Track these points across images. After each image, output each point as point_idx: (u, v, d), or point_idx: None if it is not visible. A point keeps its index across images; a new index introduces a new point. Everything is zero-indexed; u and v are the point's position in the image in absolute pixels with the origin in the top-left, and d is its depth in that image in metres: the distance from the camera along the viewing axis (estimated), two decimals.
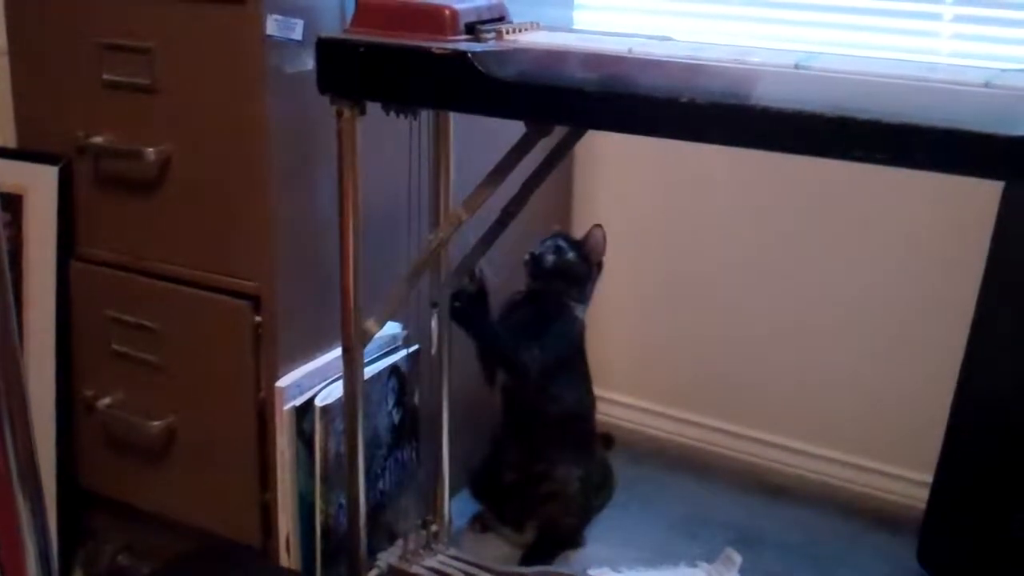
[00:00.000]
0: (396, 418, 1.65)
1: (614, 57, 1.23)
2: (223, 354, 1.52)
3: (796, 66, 1.15)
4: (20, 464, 0.71)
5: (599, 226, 1.77)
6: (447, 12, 1.27)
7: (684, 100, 1.09)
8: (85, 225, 1.61)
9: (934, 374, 1.79)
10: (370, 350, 1.51)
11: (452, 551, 1.67)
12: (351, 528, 1.51)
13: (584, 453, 1.79)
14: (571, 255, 1.74)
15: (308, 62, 1.39)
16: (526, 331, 1.71)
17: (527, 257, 1.74)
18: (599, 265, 1.78)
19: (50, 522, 1.62)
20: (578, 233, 1.84)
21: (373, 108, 1.33)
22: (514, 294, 1.77)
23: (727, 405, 2.08)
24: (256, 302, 1.48)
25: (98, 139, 1.54)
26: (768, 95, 1.09)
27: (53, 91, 1.58)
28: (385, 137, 1.42)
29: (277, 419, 1.49)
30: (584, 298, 1.77)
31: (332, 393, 1.52)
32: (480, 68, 1.19)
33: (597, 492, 1.82)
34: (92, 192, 1.59)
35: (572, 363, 1.77)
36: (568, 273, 1.75)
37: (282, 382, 1.49)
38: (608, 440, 2.03)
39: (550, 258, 1.74)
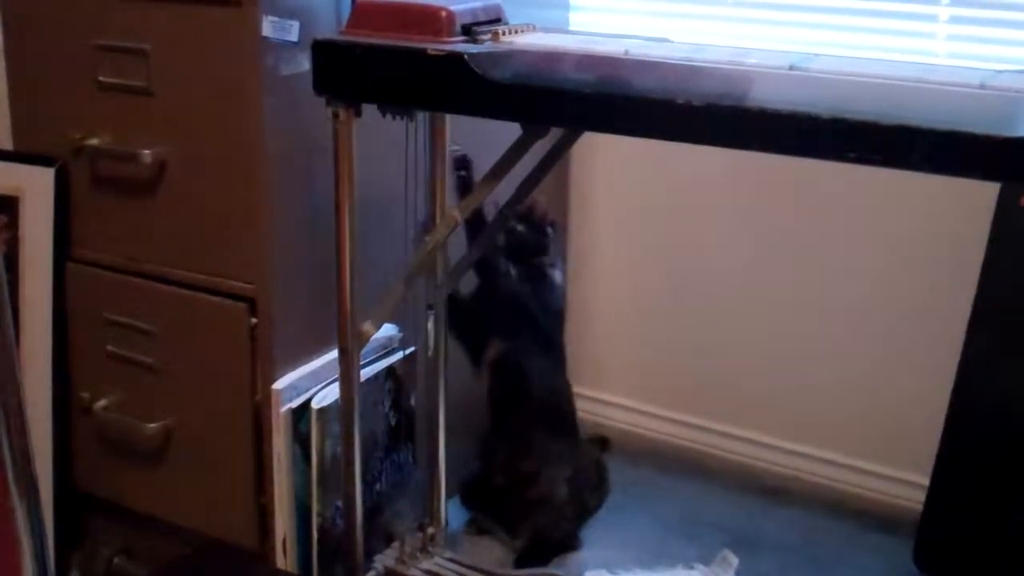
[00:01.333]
0: (392, 420, 1.65)
1: (610, 59, 1.23)
2: (219, 356, 1.52)
3: (792, 67, 1.15)
4: (16, 466, 0.71)
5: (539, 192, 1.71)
6: (443, 14, 1.27)
7: (680, 102, 1.09)
8: (81, 227, 1.61)
9: (931, 375, 1.79)
10: (366, 352, 1.51)
11: (448, 554, 1.67)
12: (347, 530, 1.51)
13: (569, 445, 1.79)
14: (520, 227, 1.73)
15: (304, 64, 1.39)
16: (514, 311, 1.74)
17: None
18: (552, 225, 1.77)
19: (46, 524, 1.62)
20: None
21: (369, 110, 1.33)
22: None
23: (724, 407, 2.08)
24: (252, 304, 1.48)
25: (94, 141, 1.54)
26: (764, 96, 1.09)
27: (49, 93, 1.58)
28: (381, 138, 1.42)
29: (273, 421, 1.49)
30: (555, 261, 1.77)
31: (328, 395, 1.52)
32: (476, 70, 1.19)
33: (592, 493, 1.82)
34: (88, 194, 1.59)
35: (553, 339, 1.79)
36: (524, 244, 1.74)
37: (278, 384, 1.49)
38: (604, 442, 2.02)
39: (502, 238, 1.72)
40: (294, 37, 1.40)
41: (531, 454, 1.75)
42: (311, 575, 1.56)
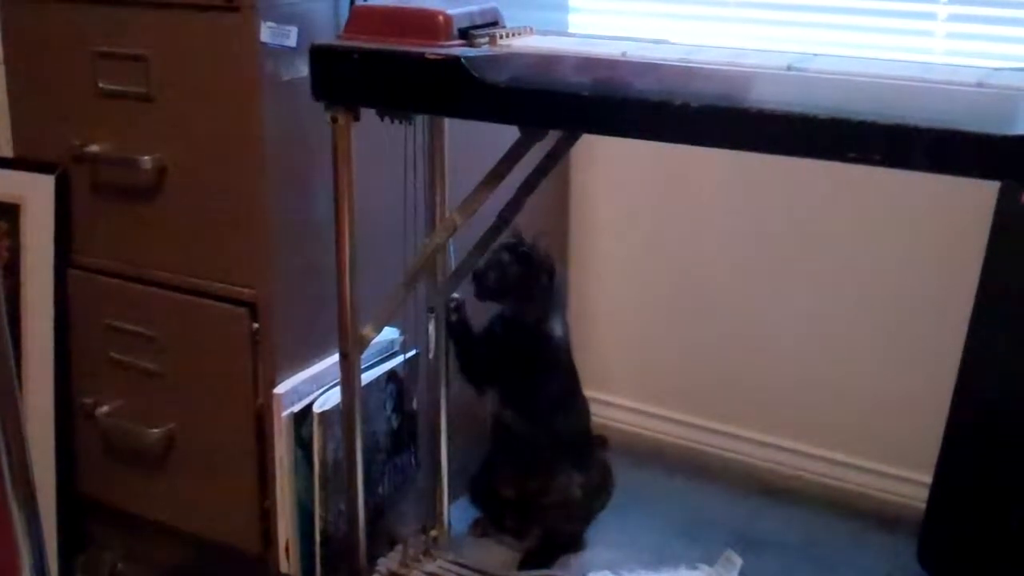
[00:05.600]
0: (395, 423, 1.65)
1: (608, 61, 1.23)
2: (221, 361, 1.52)
3: (790, 68, 1.15)
4: (15, 475, 0.71)
5: (544, 233, 1.66)
6: (440, 18, 1.27)
7: (678, 103, 1.10)
8: (82, 233, 1.61)
9: (933, 374, 1.79)
10: (368, 356, 1.51)
11: (451, 556, 1.67)
12: (350, 534, 1.52)
13: (583, 458, 1.79)
14: (514, 268, 1.63)
15: (303, 69, 1.39)
16: (514, 370, 1.69)
17: (471, 276, 1.62)
18: (551, 273, 1.67)
19: (49, 530, 1.63)
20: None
21: (368, 114, 1.33)
22: (493, 319, 1.70)
23: (726, 407, 2.08)
24: (253, 309, 1.48)
25: (94, 148, 1.54)
26: (762, 97, 1.09)
27: (49, 100, 1.58)
28: (380, 143, 1.42)
29: (275, 425, 1.50)
30: (553, 308, 1.69)
31: (330, 399, 1.52)
32: (474, 73, 1.19)
33: (596, 494, 1.82)
34: (89, 200, 1.59)
35: (565, 384, 1.75)
36: (517, 288, 1.64)
37: (280, 388, 1.49)
38: (602, 441, 2.02)
39: (492, 275, 1.62)
40: (292, 42, 1.40)
41: (541, 475, 1.74)
42: None
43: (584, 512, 1.79)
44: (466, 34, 1.29)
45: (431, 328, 1.60)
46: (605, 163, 2.10)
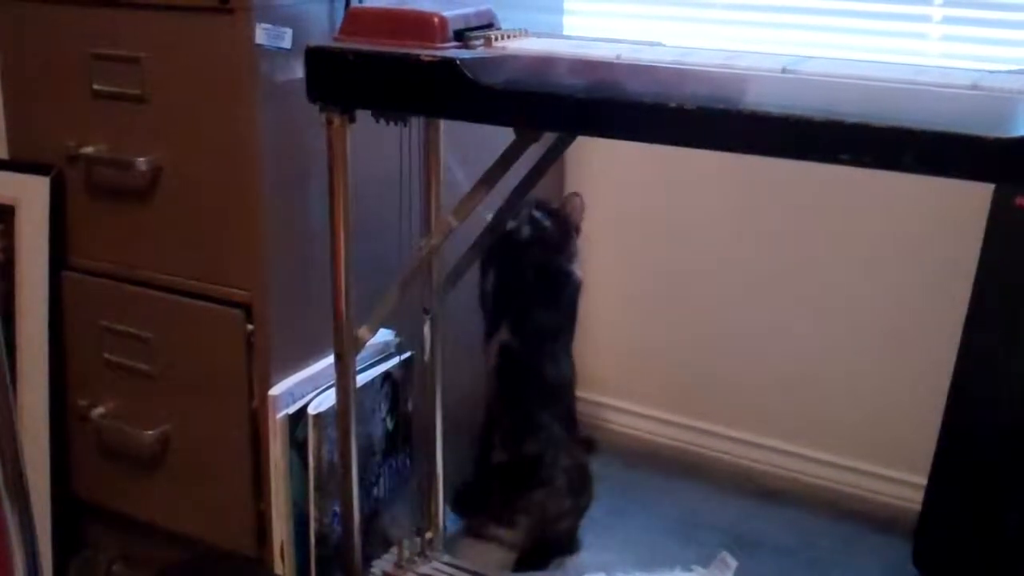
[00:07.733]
0: (390, 425, 1.65)
1: (603, 63, 1.23)
2: (216, 363, 1.52)
3: (784, 70, 1.15)
4: (7, 476, 0.71)
5: (577, 194, 1.79)
6: (436, 20, 1.27)
7: (673, 105, 1.09)
8: (77, 235, 1.61)
9: (928, 376, 1.79)
10: (363, 357, 1.51)
11: (446, 558, 1.67)
12: (345, 536, 1.51)
13: (570, 435, 1.79)
14: (547, 223, 1.74)
15: (298, 70, 1.39)
16: (534, 300, 1.75)
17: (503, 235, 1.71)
18: (577, 229, 1.79)
19: (44, 532, 1.62)
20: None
21: (363, 116, 1.33)
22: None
23: (721, 408, 2.09)
24: (248, 310, 1.48)
25: (89, 149, 1.54)
26: (757, 99, 1.09)
27: (44, 101, 1.58)
28: (376, 144, 1.42)
29: (270, 427, 1.49)
30: (575, 258, 1.78)
31: (325, 401, 1.52)
32: (469, 75, 1.19)
33: (580, 492, 1.81)
34: (84, 202, 1.59)
35: (571, 327, 1.79)
36: (547, 243, 1.75)
37: (275, 390, 1.49)
38: (590, 444, 2.02)
39: (526, 230, 1.73)
40: (287, 44, 1.40)
41: (535, 434, 1.75)
42: None
43: (571, 507, 1.79)
44: (461, 36, 1.29)
45: (427, 330, 1.60)
46: (600, 165, 2.10)
